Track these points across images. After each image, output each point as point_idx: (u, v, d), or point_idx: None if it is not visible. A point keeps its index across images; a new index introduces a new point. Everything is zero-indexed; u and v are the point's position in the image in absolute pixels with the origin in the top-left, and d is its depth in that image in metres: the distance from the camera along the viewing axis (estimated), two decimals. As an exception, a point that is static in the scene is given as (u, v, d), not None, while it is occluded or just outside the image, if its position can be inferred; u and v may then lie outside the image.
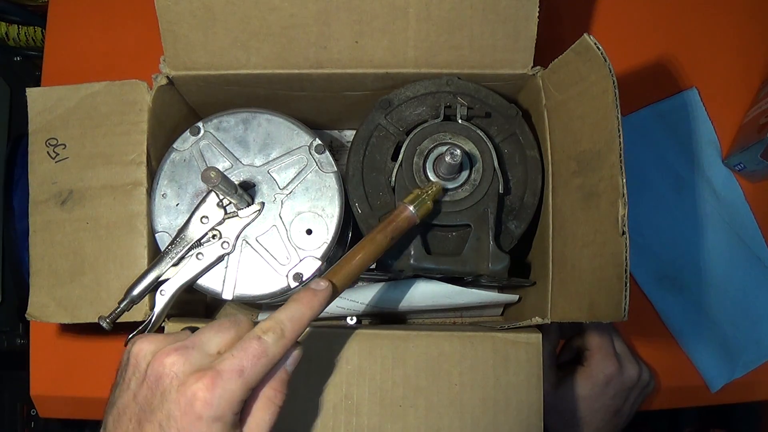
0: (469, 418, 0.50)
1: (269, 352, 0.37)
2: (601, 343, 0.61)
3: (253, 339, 0.37)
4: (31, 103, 0.54)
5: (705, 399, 0.68)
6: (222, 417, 0.35)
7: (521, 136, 0.55)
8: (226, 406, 0.35)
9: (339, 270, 0.44)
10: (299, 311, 0.40)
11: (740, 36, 0.73)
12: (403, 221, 0.47)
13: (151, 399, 0.36)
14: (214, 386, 0.35)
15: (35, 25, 0.86)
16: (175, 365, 0.36)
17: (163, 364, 0.36)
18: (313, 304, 0.40)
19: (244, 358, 0.36)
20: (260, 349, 0.37)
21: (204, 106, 0.60)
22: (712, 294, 0.68)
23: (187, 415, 0.34)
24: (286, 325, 0.38)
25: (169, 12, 0.52)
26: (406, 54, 0.53)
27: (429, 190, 0.49)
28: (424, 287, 0.59)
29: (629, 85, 0.71)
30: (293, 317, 0.39)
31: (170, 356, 0.36)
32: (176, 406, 0.35)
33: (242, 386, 0.36)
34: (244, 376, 0.36)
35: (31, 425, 0.82)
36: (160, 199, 0.52)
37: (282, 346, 0.38)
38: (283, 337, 0.38)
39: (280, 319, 0.39)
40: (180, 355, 0.36)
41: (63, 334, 0.67)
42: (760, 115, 0.66)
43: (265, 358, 0.37)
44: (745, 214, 0.70)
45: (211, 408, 0.34)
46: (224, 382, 0.35)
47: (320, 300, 0.41)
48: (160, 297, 0.48)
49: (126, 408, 0.36)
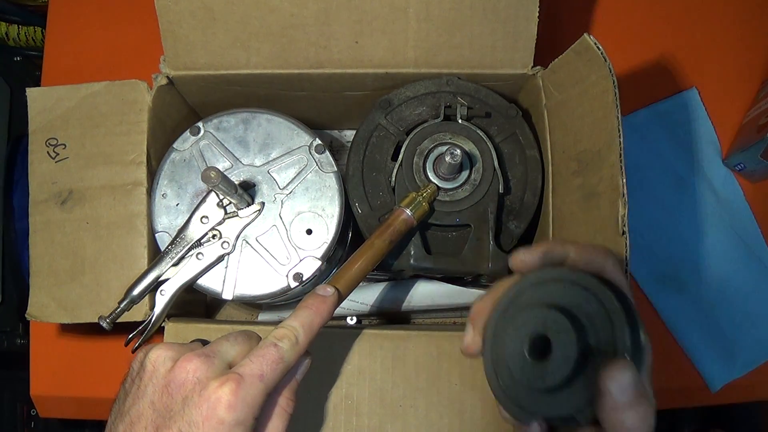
0: (469, 419, 0.50)
1: (286, 358, 0.38)
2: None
3: (270, 346, 0.38)
4: (31, 103, 0.54)
5: (705, 399, 0.67)
6: (244, 421, 0.35)
7: (521, 136, 0.55)
8: (248, 411, 0.35)
9: (341, 276, 0.45)
10: (310, 318, 0.40)
11: (740, 36, 0.73)
12: (401, 224, 0.48)
13: (171, 405, 0.35)
14: (237, 390, 0.35)
15: (35, 25, 0.86)
16: (198, 371, 0.36)
17: (186, 370, 0.36)
18: (322, 311, 0.41)
19: (264, 364, 0.37)
20: (278, 355, 0.37)
21: (204, 106, 0.60)
22: (712, 294, 0.68)
23: (209, 420, 0.34)
24: (299, 332, 0.39)
25: (169, 12, 0.52)
26: (406, 54, 0.53)
27: (424, 193, 0.50)
28: (424, 287, 0.59)
29: (629, 85, 0.71)
30: (305, 324, 0.40)
31: (192, 362, 0.36)
32: (198, 411, 0.35)
33: (263, 391, 0.36)
34: (264, 380, 0.36)
35: (31, 425, 0.82)
36: (160, 199, 0.52)
37: (297, 353, 0.39)
38: (297, 343, 0.39)
39: (294, 326, 0.39)
40: (202, 362, 0.36)
41: (63, 334, 0.66)
42: (760, 115, 0.66)
43: (282, 363, 0.37)
44: (745, 214, 0.70)
45: (235, 412, 0.35)
46: (247, 386, 0.35)
47: (328, 306, 0.42)
48: (160, 297, 0.48)
49: (141, 416, 0.36)
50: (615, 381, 0.31)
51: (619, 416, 0.32)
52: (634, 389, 0.31)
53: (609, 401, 0.31)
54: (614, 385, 0.31)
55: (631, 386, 0.31)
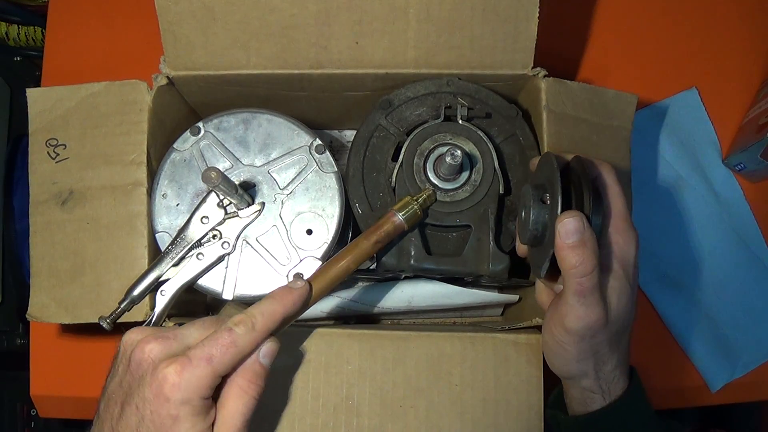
0: (469, 419, 0.50)
1: (238, 342, 0.39)
2: (624, 210, 0.47)
3: (224, 330, 0.40)
4: (31, 103, 0.54)
5: (705, 399, 0.68)
6: (189, 400, 0.37)
7: (521, 136, 0.55)
8: (193, 391, 0.37)
9: (320, 272, 0.46)
10: (271, 306, 0.42)
11: (740, 36, 0.73)
12: (390, 227, 0.48)
13: (132, 383, 0.39)
14: (182, 371, 0.37)
15: (35, 25, 0.86)
16: (153, 351, 0.39)
17: (144, 351, 0.39)
18: (286, 301, 0.43)
19: (214, 347, 0.39)
20: (230, 339, 0.39)
21: (204, 106, 0.60)
22: (712, 294, 0.68)
23: (157, 397, 0.37)
24: (257, 319, 0.41)
25: (169, 12, 0.52)
26: (407, 54, 0.53)
27: (419, 198, 0.50)
28: (424, 287, 0.59)
29: (629, 85, 0.71)
30: (264, 312, 0.41)
31: (150, 344, 0.39)
32: (149, 389, 0.37)
33: (210, 373, 0.38)
34: (212, 363, 0.38)
35: (31, 425, 0.82)
36: (161, 199, 0.52)
37: (252, 338, 0.40)
38: (254, 329, 0.40)
39: (252, 313, 0.41)
40: (158, 344, 0.39)
41: (63, 334, 0.66)
42: (760, 115, 0.66)
43: (234, 347, 0.39)
44: (745, 214, 0.70)
45: (179, 391, 0.37)
46: (192, 367, 0.38)
47: (294, 297, 0.43)
48: (161, 297, 0.48)
49: (113, 393, 0.40)
50: (563, 225, 0.42)
51: (563, 254, 0.42)
52: (579, 236, 0.41)
53: (558, 241, 0.42)
54: (562, 228, 0.42)
55: (576, 232, 0.41)
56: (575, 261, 0.42)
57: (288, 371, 0.50)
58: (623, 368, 0.47)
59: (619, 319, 0.45)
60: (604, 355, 0.46)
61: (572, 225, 0.42)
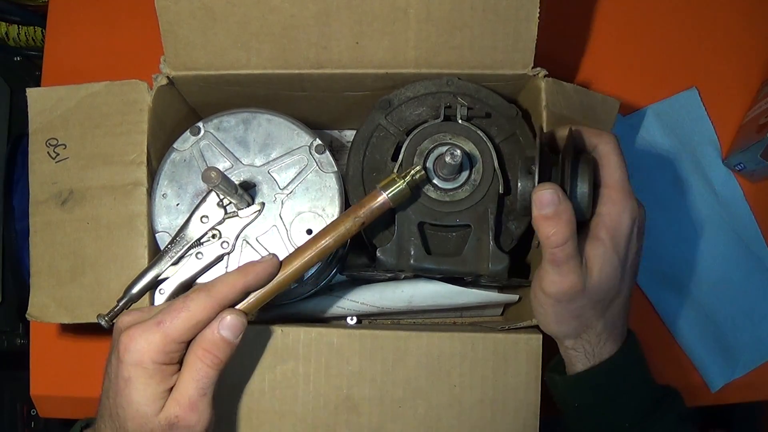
0: (468, 419, 0.50)
1: (191, 306, 0.41)
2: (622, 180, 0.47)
3: (180, 298, 0.42)
4: (31, 103, 0.54)
5: (705, 399, 0.68)
6: (140, 362, 0.40)
7: (521, 136, 0.55)
8: (143, 353, 0.40)
9: (296, 251, 0.47)
10: (232, 277, 0.44)
11: (740, 36, 0.73)
12: (374, 204, 0.47)
13: (112, 351, 0.42)
14: (133, 334, 0.40)
15: (35, 25, 0.86)
16: (123, 323, 0.42)
17: (120, 322, 0.43)
18: (247, 272, 0.44)
19: (166, 313, 0.41)
20: (182, 305, 0.41)
21: (204, 106, 0.60)
22: (712, 294, 0.68)
23: (118, 360, 0.41)
24: (214, 286, 0.43)
25: (169, 12, 0.52)
26: (407, 54, 0.53)
27: (406, 175, 0.48)
28: (424, 287, 0.59)
29: (629, 85, 0.71)
30: (224, 281, 0.43)
31: (125, 317, 0.43)
32: (115, 353, 0.41)
33: (161, 337, 0.40)
34: (162, 327, 0.40)
35: (31, 425, 0.82)
36: (161, 199, 0.52)
37: (205, 303, 0.42)
38: (209, 296, 0.42)
39: (211, 283, 0.43)
40: (129, 316, 0.43)
41: (63, 334, 0.67)
42: (760, 115, 0.66)
43: (185, 312, 0.41)
44: (745, 214, 0.70)
45: (130, 353, 0.40)
46: (143, 331, 0.40)
47: (257, 269, 0.44)
48: (159, 295, 0.48)
49: (107, 364, 0.43)
50: (538, 197, 0.43)
51: (538, 224, 0.43)
52: (552, 207, 0.42)
53: (533, 211, 0.44)
54: (537, 199, 0.43)
55: (550, 204, 0.42)
56: (548, 232, 0.43)
57: (288, 371, 0.50)
58: (612, 333, 0.48)
59: (602, 287, 0.46)
60: (588, 319, 0.47)
61: (546, 197, 0.43)
